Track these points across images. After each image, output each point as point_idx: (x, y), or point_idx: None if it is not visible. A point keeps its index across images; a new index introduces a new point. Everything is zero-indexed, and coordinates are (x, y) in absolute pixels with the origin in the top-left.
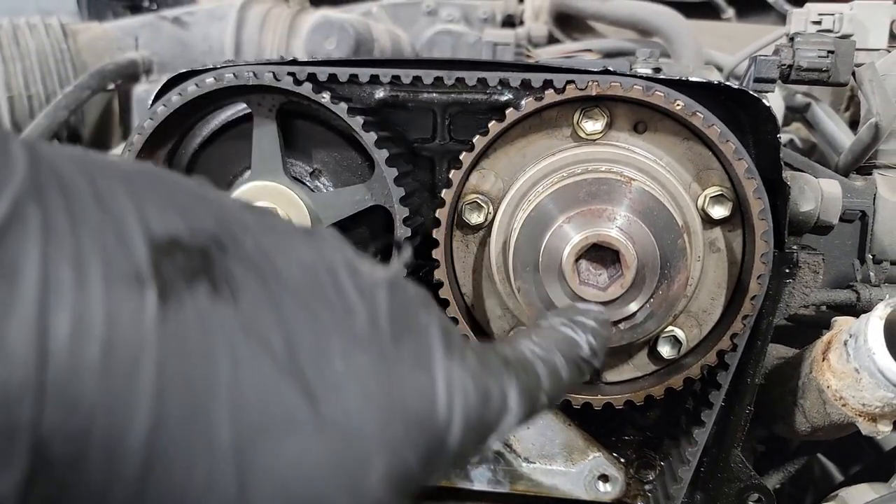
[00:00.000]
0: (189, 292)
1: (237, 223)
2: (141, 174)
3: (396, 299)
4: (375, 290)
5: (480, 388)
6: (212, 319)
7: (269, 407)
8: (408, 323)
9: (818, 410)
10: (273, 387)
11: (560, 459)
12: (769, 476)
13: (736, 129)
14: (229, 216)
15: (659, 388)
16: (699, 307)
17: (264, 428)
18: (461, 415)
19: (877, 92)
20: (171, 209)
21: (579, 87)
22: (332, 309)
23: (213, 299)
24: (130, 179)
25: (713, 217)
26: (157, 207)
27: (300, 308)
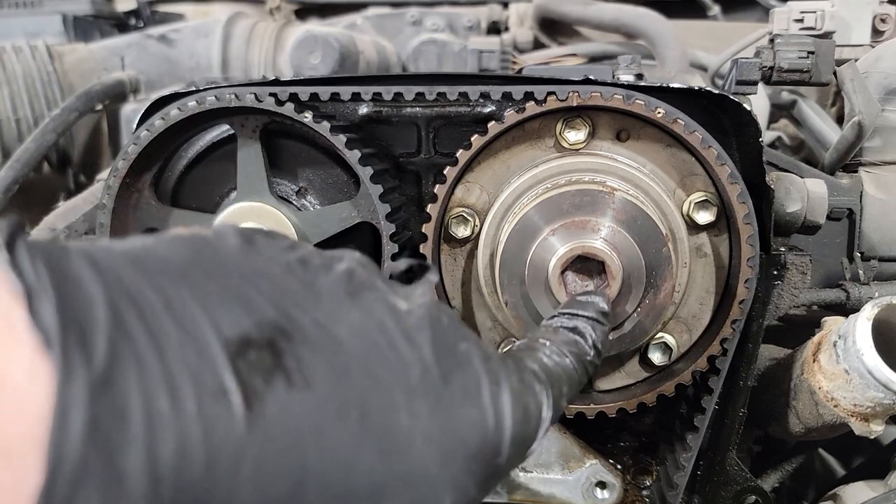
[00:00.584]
0: (269, 390)
1: (289, 298)
2: (194, 265)
3: (437, 335)
4: (419, 333)
5: (522, 407)
6: (293, 409)
7: (354, 473)
8: (452, 356)
9: (811, 412)
10: (355, 453)
11: (557, 468)
12: (767, 475)
13: (719, 133)
14: (280, 291)
15: (651, 396)
16: (688, 313)
17: (351, 492)
18: (509, 436)
19: (858, 90)
20: (234, 303)
21: (560, 99)
22: (389, 367)
23: (289, 390)
24: (189, 276)
25: (698, 222)
26: (222, 305)
27: (364, 374)
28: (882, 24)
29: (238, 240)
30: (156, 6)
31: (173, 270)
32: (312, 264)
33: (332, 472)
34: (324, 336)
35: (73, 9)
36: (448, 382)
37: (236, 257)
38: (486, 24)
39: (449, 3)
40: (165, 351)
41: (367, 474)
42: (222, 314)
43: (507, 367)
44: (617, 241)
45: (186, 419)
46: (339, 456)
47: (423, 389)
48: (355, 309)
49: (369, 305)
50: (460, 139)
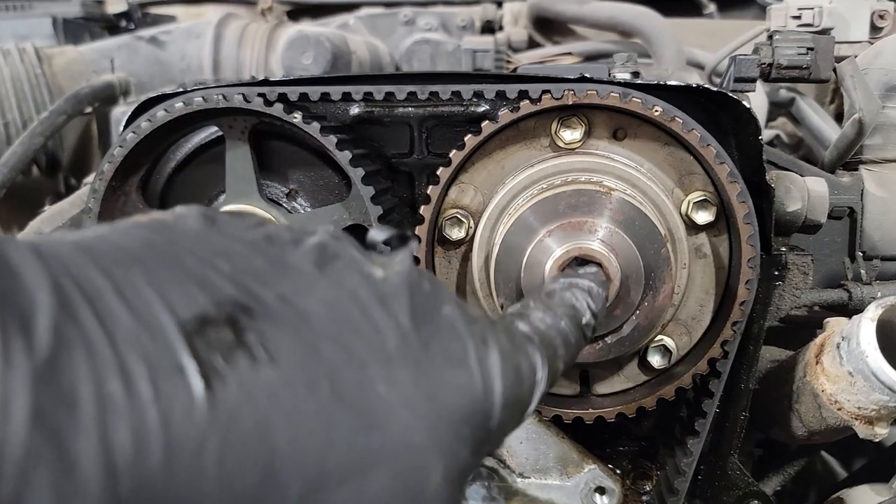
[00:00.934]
0: (230, 368)
1: (252, 275)
2: (149, 248)
3: (416, 301)
4: (396, 300)
5: (513, 368)
6: (257, 387)
7: (329, 452)
8: (432, 321)
9: (814, 415)
10: (329, 431)
11: (555, 473)
12: (769, 479)
13: (717, 131)
14: (242, 269)
15: (651, 400)
16: (688, 315)
17: (329, 472)
18: (500, 398)
19: (858, 87)
20: (190, 283)
21: (555, 97)
22: (363, 337)
23: (253, 367)
24: (142, 260)
25: (697, 223)
26: (176, 286)
27: (335, 346)
28: (880, 20)
29: (199, 221)
30: (147, 8)
31: (125, 255)
32: (280, 240)
33: (305, 452)
34: (289, 310)
35: (63, 11)
36: (428, 348)
37: (195, 238)
38: (479, 24)
39: (442, 3)
40: (115, 334)
41: (344, 452)
42: (177, 295)
43: (496, 329)
44: (614, 243)
45: (141, 403)
46: (311, 435)
47: (401, 357)
48: (325, 280)
49: (340, 275)
50: (454, 139)
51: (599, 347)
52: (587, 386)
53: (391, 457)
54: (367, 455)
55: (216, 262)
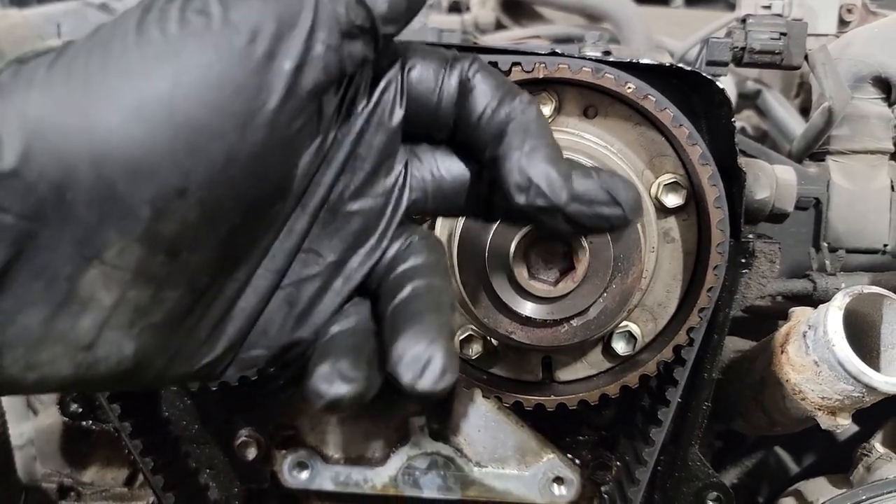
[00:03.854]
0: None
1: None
2: None
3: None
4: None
5: None
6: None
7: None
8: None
9: (777, 405)
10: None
11: (513, 463)
12: (726, 471)
13: (689, 113)
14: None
15: (614, 387)
16: (654, 300)
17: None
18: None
19: (829, 76)
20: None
21: (525, 70)
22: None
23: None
24: None
25: (667, 206)
26: None
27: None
28: (848, 14)
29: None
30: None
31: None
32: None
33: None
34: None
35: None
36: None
37: None
38: (447, 3)
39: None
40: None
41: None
42: None
43: None
44: None
45: None
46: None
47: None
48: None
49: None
50: None
51: (565, 331)
52: (549, 372)
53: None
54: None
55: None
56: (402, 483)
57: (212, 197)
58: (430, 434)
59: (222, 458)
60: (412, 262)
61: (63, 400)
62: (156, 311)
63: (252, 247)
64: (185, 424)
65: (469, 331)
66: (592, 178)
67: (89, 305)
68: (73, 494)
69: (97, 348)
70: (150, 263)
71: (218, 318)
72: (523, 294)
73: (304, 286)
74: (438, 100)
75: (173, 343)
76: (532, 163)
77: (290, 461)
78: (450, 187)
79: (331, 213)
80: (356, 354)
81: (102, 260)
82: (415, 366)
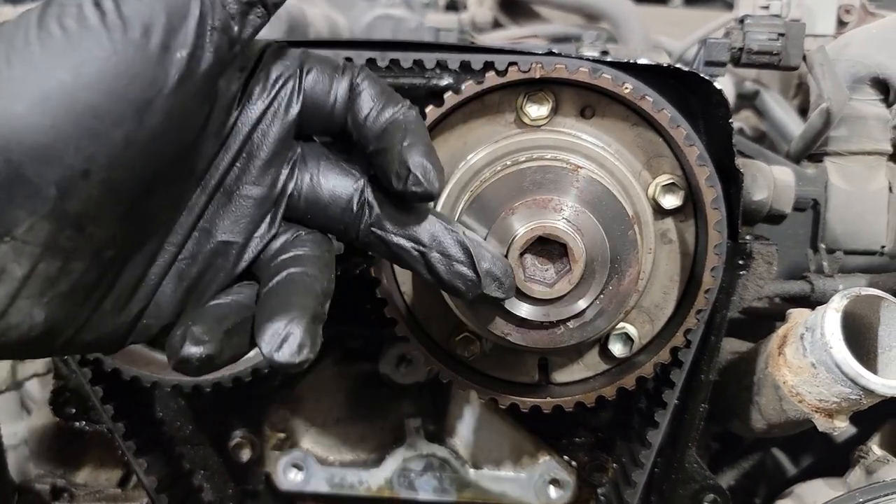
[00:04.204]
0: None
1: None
2: None
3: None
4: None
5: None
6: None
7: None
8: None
9: (774, 407)
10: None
11: (509, 465)
12: (723, 473)
13: (686, 114)
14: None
15: (611, 389)
16: (651, 302)
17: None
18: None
19: (828, 76)
20: None
21: (522, 70)
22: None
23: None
24: None
25: (664, 207)
26: None
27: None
28: (846, 14)
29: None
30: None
31: None
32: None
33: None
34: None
35: None
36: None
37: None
38: (443, 2)
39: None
40: None
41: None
42: None
43: None
44: (581, 223)
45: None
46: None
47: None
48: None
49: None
50: None
51: (561, 332)
52: (546, 374)
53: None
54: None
55: None
56: (397, 485)
57: (113, 177)
58: (425, 436)
59: (216, 460)
60: (293, 253)
61: (56, 401)
62: (64, 281)
63: (154, 223)
64: (179, 425)
65: (465, 332)
66: (457, 235)
67: (1, 278)
68: (67, 495)
69: (9, 316)
70: (58, 237)
71: (125, 291)
72: (519, 295)
73: (195, 262)
74: (333, 101)
75: (82, 313)
76: (410, 155)
77: (285, 463)
78: (323, 196)
79: (226, 196)
80: (215, 322)
81: (13, 236)
82: (273, 339)
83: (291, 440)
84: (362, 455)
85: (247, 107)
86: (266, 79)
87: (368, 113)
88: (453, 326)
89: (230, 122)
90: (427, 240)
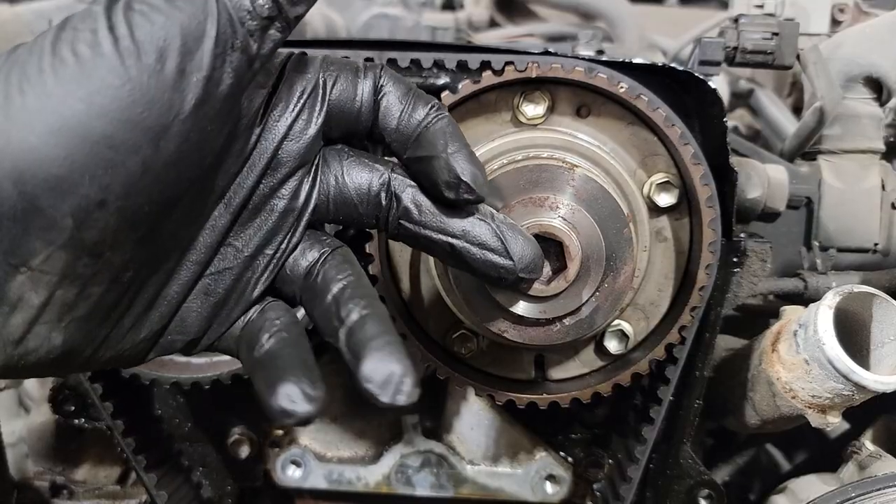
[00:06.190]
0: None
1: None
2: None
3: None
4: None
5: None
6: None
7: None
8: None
9: (768, 403)
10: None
11: (505, 461)
12: (718, 469)
13: (681, 113)
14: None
15: (606, 385)
16: (646, 299)
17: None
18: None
19: (821, 75)
20: None
21: (518, 69)
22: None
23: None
24: None
25: (659, 205)
26: None
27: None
28: (840, 14)
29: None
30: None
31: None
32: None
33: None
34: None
35: None
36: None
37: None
38: (440, 1)
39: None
40: None
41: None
42: None
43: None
44: (576, 221)
45: None
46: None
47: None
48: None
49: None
50: None
51: (557, 329)
52: (542, 371)
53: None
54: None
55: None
56: (394, 481)
57: (130, 205)
58: (422, 432)
59: (215, 457)
60: (342, 282)
61: (56, 398)
62: (82, 305)
63: (174, 242)
64: (178, 422)
65: (462, 329)
66: (488, 223)
67: (18, 306)
68: (66, 492)
69: (28, 342)
70: (76, 266)
71: (143, 309)
72: (516, 293)
73: (221, 278)
74: (359, 106)
75: (100, 332)
76: (457, 162)
77: (283, 459)
78: (350, 195)
79: (251, 212)
80: (310, 372)
81: (30, 266)
82: (388, 387)
83: (290, 437)
84: (360, 452)
85: (270, 123)
86: (289, 92)
87: (399, 116)
88: (450, 324)
89: (253, 139)
90: (458, 230)
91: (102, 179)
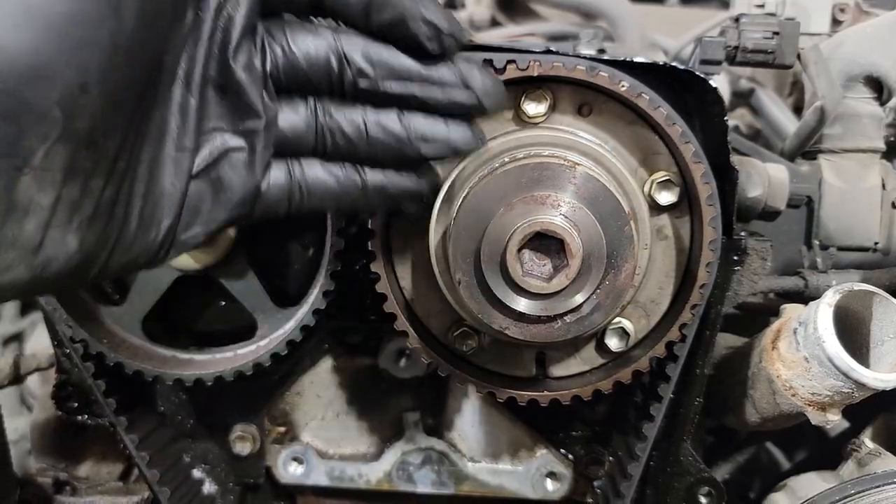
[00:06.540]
0: None
1: None
2: None
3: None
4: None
5: None
6: None
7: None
8: None
9: (768, 401)
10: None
11: (506, 458)
12: (718, 467)
13: (682, 112)
14: None
15: (607, 383)
16: (647, 297)
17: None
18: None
19: (821, 75)
20: None
21: (520, 68)
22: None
23: None
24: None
25: (660, 203)
26: None
27: None
28: (841, 13)
29: None
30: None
31: None
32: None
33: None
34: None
35: None
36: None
37: None
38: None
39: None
40: None
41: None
42: None
43: None
44: (578, 219)
45: None
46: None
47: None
48: None
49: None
50: None
51: (558, 327)
52: (543, 368)
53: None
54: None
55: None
56: (396, 478)
57: (109, 86)
58: (424, 429)
59: (217, 453)
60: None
61: (59, 395)
62: (87, 203)
63: (150, 126)
64: (181, 419)
65: (463, 327)
66: (447, 64)
67: (30, 209)
68: (69, 489)
69: (46, 248)
70: (76, 158)
71: (142, 200)
72: (517, 290)
73: (221, 163)
74: None
75: (110, 233)
76: (432, 14)
77: (285, 456)
78: (299, 63)
79: (217, 92)
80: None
81: (32, 166)
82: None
83: (291, 434)
84: (362, 448)
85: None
86: None
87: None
88: (452, 321)
89: (190, 13)
90: (415, 76)
91: (78, 59)
